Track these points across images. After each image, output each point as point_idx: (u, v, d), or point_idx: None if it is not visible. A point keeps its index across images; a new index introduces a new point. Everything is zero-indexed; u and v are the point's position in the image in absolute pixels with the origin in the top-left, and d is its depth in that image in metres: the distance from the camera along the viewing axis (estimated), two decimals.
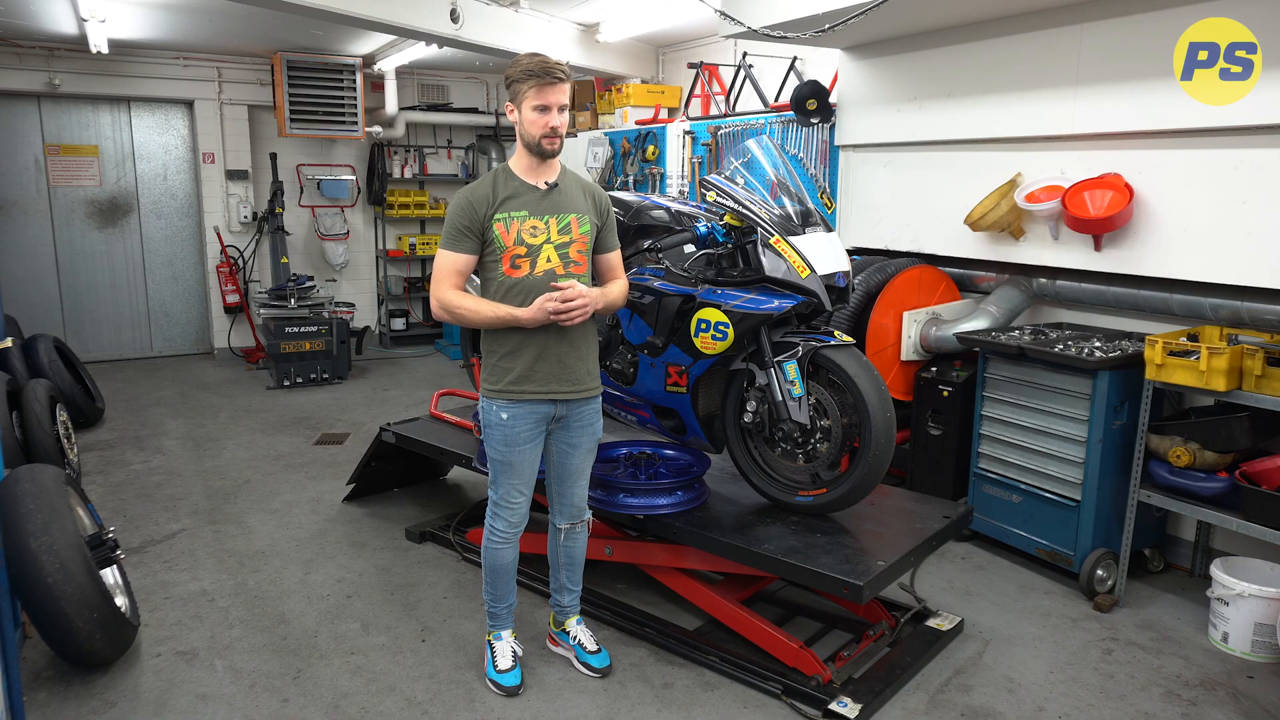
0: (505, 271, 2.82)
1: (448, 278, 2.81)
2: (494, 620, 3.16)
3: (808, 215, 3.16)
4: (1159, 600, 3.79)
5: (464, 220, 2.78)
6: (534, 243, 2.81)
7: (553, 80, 2.73)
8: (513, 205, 2.80)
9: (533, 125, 2.76)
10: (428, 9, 5.89)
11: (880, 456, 2.97)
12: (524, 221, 2.81)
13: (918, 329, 4.54)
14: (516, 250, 2.81)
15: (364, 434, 6.10)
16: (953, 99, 4.55)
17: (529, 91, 2.73)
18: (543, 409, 2.89)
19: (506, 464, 2.92)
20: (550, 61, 2.74)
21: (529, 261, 2.82)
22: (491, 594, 3.12)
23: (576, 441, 3.00)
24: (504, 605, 3.14)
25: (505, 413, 2.87)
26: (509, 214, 2.79)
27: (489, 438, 2.93)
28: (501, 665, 3.09)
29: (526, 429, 2.89)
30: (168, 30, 7.17)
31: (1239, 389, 3.33)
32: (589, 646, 3.20)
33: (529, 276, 2.82)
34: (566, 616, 3.27)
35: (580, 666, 3.18)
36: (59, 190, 8.32)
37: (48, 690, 3.06)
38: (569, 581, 3.22)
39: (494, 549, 3.04)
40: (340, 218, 9.26)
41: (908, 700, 3.02)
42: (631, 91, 7.15)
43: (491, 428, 2.91)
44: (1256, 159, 3.41)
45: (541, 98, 2.74)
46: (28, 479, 3.11)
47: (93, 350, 8.59)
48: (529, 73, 2.72)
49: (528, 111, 2.76)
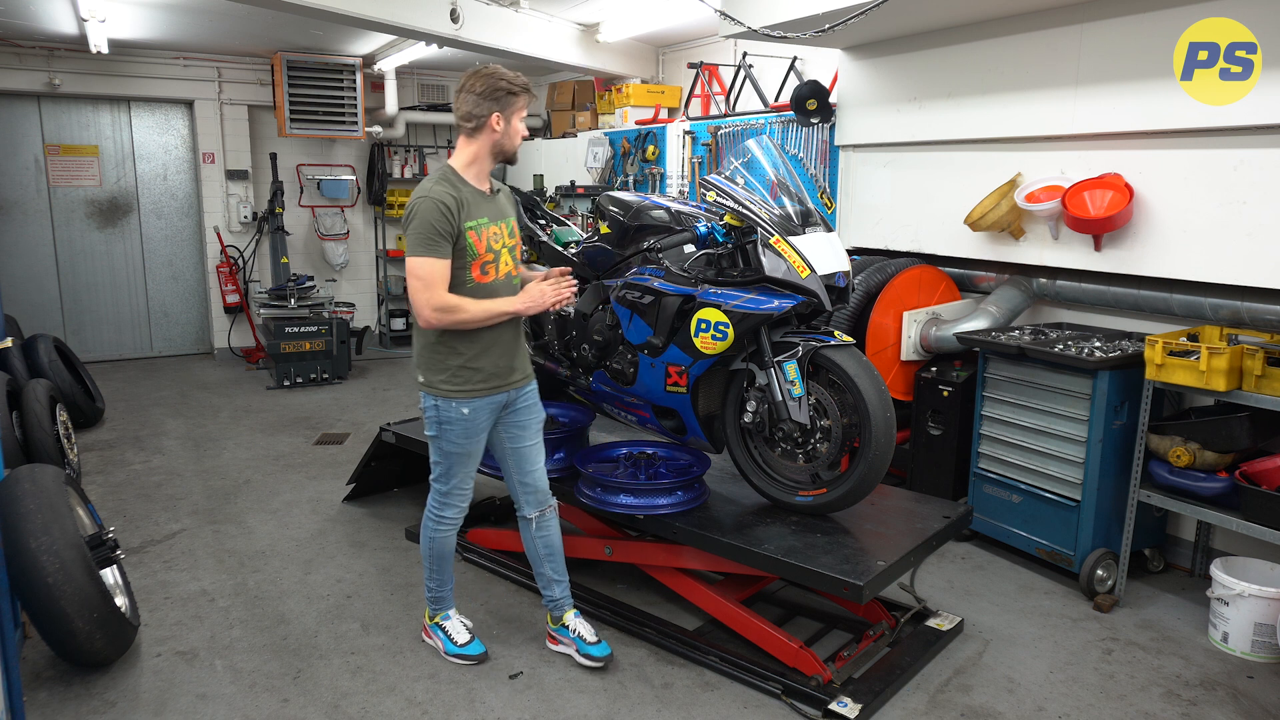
0: (475, 278, 2.93)
1: (440, 283, 2.83)
2: (439, 604, 3.32)
3: (808, 215, 3.16)
4: (1159, 600, 3.79)
5: (443, 225, 2.81)
6: (497, 248, 2.99)
7: (533, 96, 3.00)
8: (476, 212, 2.92)
9: (516, 135, 2.96)
10: (428, 9, 5.89)
11: (880, 456, 2.97)
12: (488, 228, 2.94)
13: (918, 329, 4.54)
14: (486, 257, 2.94)
15: (364, 434, 6.10)
16: (953, 99, 4.55)
17: (521, 106, 2.94)
18: (499, 398, 3.06)
19: (465, 455, 3.07)
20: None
21: (495, 266, 2.99)
22: (438, 579, 3.28)
23: (525, 422, 3.16)
24: (448, 588, 3.32)
25: (466, 408, 2.98)
26: (476, 221, 2.90)
27: (447, 434, 3.03)
28: (460, 639, 3.25)
29: (485, 419, 3.05)
30: (168, 30, 7.17)
31: (1239, 389, 3.33)
32: (589, 638, 3.23)
33: (495, 281, 2.99)
34: (562, 611, 3.30)
35: (582, 659, 3.21)
36: (59, 190, 8.32)
37: (48, 690, 3.06)
38: (554, 573, 3.27)
39: (443, 537, 3.20)
40: (340, 218, 9.26)
41: (908, 700, 3.03)
42: (631, 91, 7.15)
43: (451, 424, 3.00)
44: (1256, 159, 3.41)
45: (525, 111, 2.97)
46: (28, 479, 3.11)
47: (93, 350, 8.59)
48: (524, 88, 2.92)
49: (517, 122, 2.94)
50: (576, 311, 3.73)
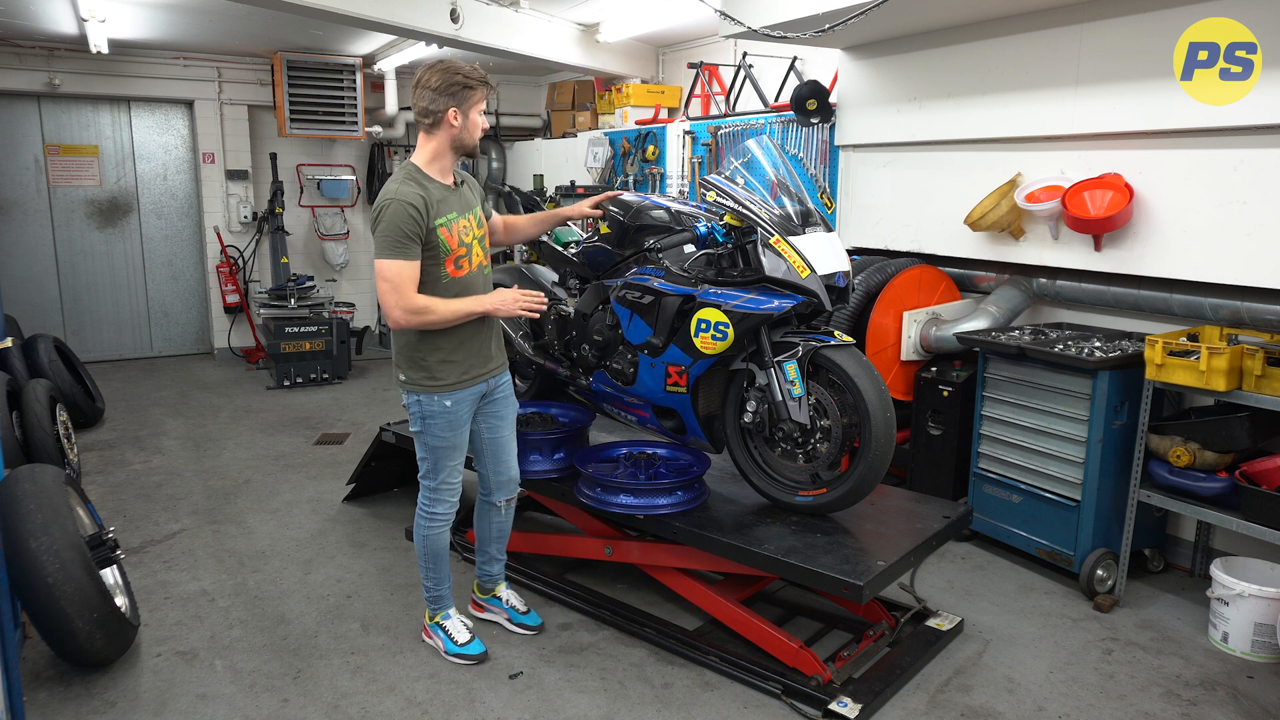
0: (449, 273, 2.96)
1: (409, 285, 2.84)
2: (438, 603, 3.33)
3: (808, 215, 3.16)
4: (1159, 600, 3.79)
5: (412, 228, 2.82)
6: (468, 240, 3.03)
7: (491, 88, 2.99)
8: (444, 208, 2.92)
9: (475, 129, 2.96)
10: (428, 9, 5.89)
11: (880, 456, 2.97)
12: (457, 222, 2.96)
13: (918, 329, 4.54)
14: (459, 251, 2.97)
15: (364, 434, 6.10)
16: (953, 99, 4.55)
17: (479, 99, 2.94)
18: (478, 389, 3.11)
19: (451, 447, 3.10)
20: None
21: (467, 260, 3.02)
22: (435, 578, 3.28)
23: (502, 413, 3.24)
24: (445, 587, 3.31)
25: (449, 400, 3.03)
26: (445, 217, 2.92)
27: (431, 428, 3.06)
28: (461, 639, 3.26)
29: (466, 410, 3.10)
30: (168, 30, 7.16)
31: (1239, 389, 3.33)
32: (520, 608, 3.47)
33: (469, 274, 3.03)
34: (495, 583, 3.51)
35: (515, 628, 3.42)
36: (59, 190, 8.32)
37: (48, 690, 3.06)
38: (498, 553, 3.48)
39: (436, 534, 3.21)
40: (340, 218, 9.26)
41: (908, 700, 3.03)
42: (631, 91, 7.15)
43: (434, 418, 3.04)
44: (1256, 159, 3.41)
45: (484, 104, 2.97)
46: (28, 479, 3.11)
47: (93, 350, 8.59)
48: (481, 80, 2.91)
49: (476, 116, 2.95)
50: (576, 311, 3.73)
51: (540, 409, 3.96)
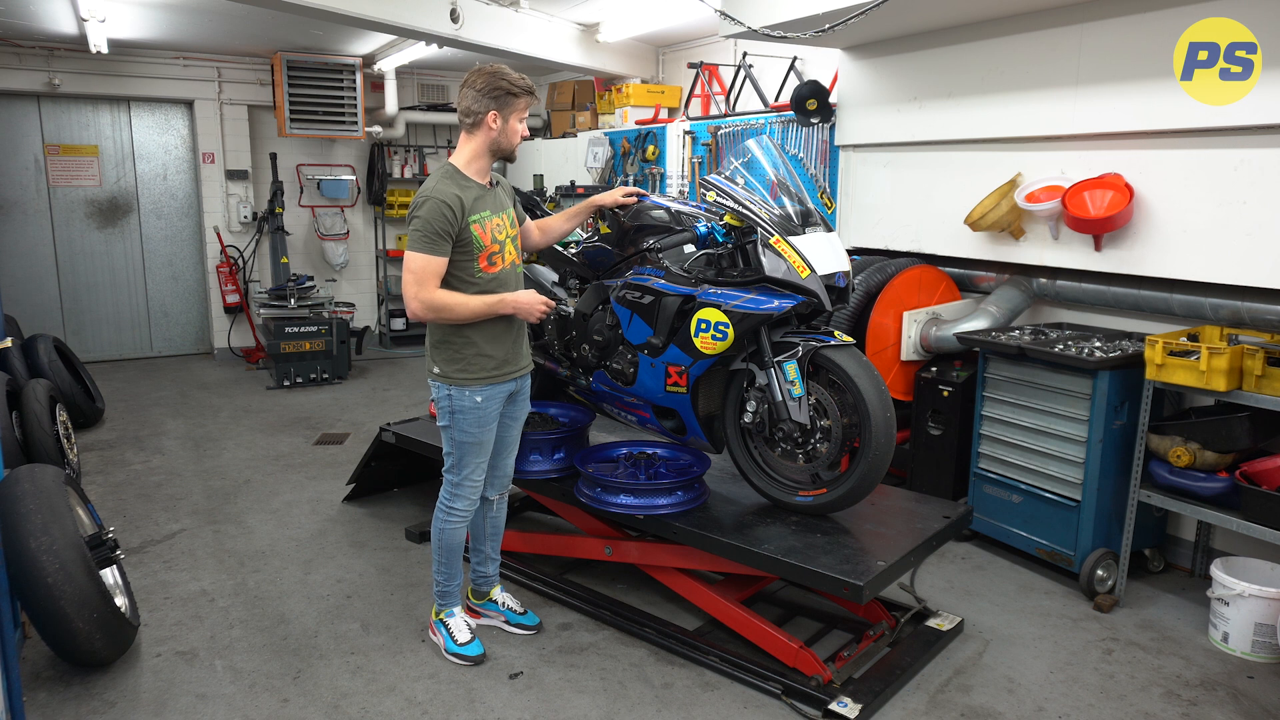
0: (483, 269, 3.02)
1: (432, 279, 2.91)
2: (446, 599, 3.33)
3: (808, 215, 3.16)
4: (1159, 600, 3.79)
5: (444, 225, 2.88)
6: (501, 238, 3.07)
7: (535, 98, 3.08)
8: (479, 206, 2.98)
9: (514, 135, 3.02)
10: (428, 9, 5.89)
11: (880, 456, 2.97)
12: (491, 220, 3.01)
13: (918, 329, 4.54)
14: (493, 248, 3.01)
15: (364, 434, 6.10)
16: (953, 99, 4.55)
17: (521, 107, 3.00)
18: (508, 387, 3.15)
19: (478, 444, 3.12)
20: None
21: (500, 256, 3.06)
22: (446, 573, 3.30)
23: (517, 414, 3.28)
24: (455, 583, 3.33)
25: (480, 395, 3.05)
26: (480, 215, 2.97)
27: (460, 423, 3.08)
28: (462, 639, 3.26)
29: (495, 407, 3.11)
30: (167, 30, 7.17)
31: (1239, 389, 3.33)
32: (517, 609, 3.47)
33: (503, 270, 3.07)
34: (490, 586, 3.50)
35: (514, 629, 3.43)
36: (59, 190, 8.32)
37: (48, 690, 3.06)
38: (493, 551, 3.47)
39: (453, 529, 3.22)
40: (340, 218, 9.26)
41: (908, 700, 3.02)
42: (631, 91, 7.15)
43: (464, 413, 3.06)
44: (1256, 159, 3.41)
45: (526, 112, 3.05)
46: (28, 479, 3.11)
47: (93, 350, 8.59)
48: (525, 90, 2.99)
49: (516, 123, 3.01)
50: (576, 311, 3.73)
51: (540, 409, 3.95)
